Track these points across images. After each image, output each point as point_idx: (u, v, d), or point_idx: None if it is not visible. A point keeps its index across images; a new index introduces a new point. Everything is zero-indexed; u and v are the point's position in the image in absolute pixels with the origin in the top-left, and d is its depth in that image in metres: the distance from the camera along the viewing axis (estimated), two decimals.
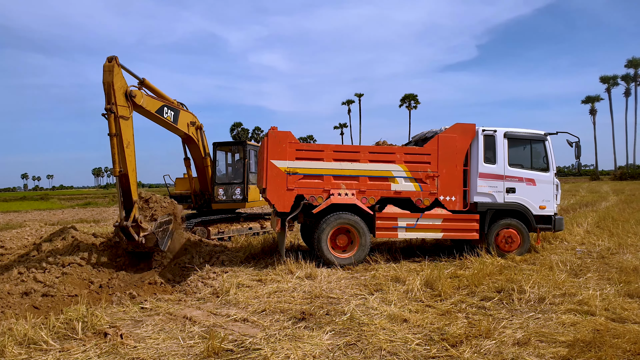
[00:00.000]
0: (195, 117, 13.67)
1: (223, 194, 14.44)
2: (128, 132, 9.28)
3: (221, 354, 4.97)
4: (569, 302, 6.70)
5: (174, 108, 12.48)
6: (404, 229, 10.15)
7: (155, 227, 9.24)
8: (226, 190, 14.45)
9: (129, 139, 9.25)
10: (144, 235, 9.03)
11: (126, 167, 9.02)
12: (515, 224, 10.55)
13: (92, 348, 5.13)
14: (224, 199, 14.46)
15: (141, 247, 9.21)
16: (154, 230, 9.19)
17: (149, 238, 9.14)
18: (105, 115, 8.87)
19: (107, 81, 9.01)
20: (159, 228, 9.42)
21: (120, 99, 9.17)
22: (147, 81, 10.98)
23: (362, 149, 10.17)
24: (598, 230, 14.25)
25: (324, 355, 4.90)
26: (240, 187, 14.44)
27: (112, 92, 8.93)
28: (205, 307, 6.89)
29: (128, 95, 9.45)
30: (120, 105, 9.06)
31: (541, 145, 10.85)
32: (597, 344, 4.92)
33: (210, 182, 14.56)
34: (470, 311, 6.46)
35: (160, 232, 9.42)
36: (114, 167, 8.95)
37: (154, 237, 9.18)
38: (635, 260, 9.40)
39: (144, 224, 9.08)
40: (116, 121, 8.94)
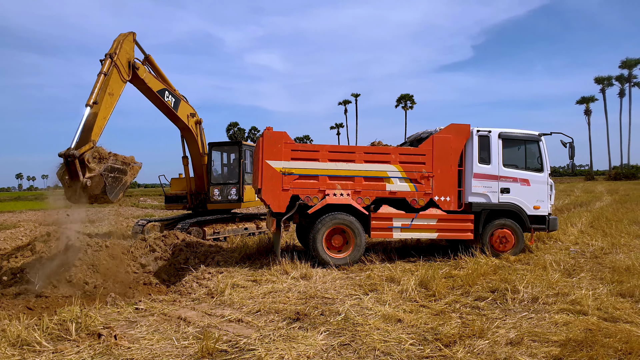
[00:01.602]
0: (195, 111, 13.85)
1: (219, 194, 14.47)
2: (116, 87, 9.52)
3: (215, 354, 4.97)
4: (562, 301, 6.74)
5: (176, 96, 12.75)
6: (399, 229, 10.18)
7: (104, 170, 8.21)
8: (222, 190, 14.46)
9: (114, 92, 9.39)
10: (90, 177, 8.06)
11: (99, 107, 8.85)
12: (510, 224, 10.60)
13: (85, 349, 5.12)
14: (220, 199, 14.48)
15: (85, 193, 8.11)
16: (103, 172, 8.17)
17: (96, 182, 8.09)
18: (102, 60, 9.41)
19: (118, 40, 9.92)
20: (110, 173, 8.35)
21: (123, 59, 9.83)
22: (152, 59, 11.63)
23: (358, 150, 10.19)
24: (592, 230, 14.32)
25: (318, 356, 4.91)
26: (236, 187, 14.46)
27: (119, 47, 9.74)
28: (200, 307, 6.89)
29: (131, 64, 10.09)
30: (120, 64, 9.65)
31: (535, 146, 10.90)
32: (589, 344, 4.95)
33: (207, 182, 14.59)
34: (464, 311, 6.49)
35: (110, 178, 8.32)
36: (89, 98, 8.82)
37: (102, 182, 8.12)
38: (627, 260, 9.46)
39: (92, 164, 8.15)
40: (111, 66, 9.38)
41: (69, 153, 7.90)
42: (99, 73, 9.32)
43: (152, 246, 10.43)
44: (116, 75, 9.62)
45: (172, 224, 14.82)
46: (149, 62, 11.62)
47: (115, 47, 9.92)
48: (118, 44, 10.00)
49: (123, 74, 9.89)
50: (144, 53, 11.24)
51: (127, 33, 10.42)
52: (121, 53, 9.89)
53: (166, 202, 15.42)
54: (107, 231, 17.10)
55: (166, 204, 15.50)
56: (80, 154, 7.97)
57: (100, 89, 9.20)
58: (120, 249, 9.78)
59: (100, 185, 8.17)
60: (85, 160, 8.07)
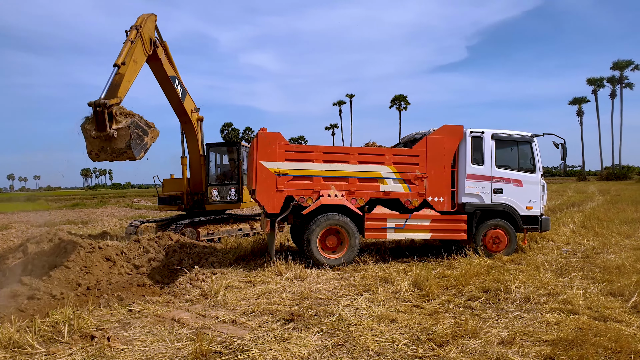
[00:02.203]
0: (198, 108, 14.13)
1: (217, 194, 14.50)
2: (140, 57, 10.01)
3: (209, 355, 4.98)
4: (554, 301, 6.80)
5: (183, 87, 13.11)
6: (393, 229, 10.21)
7: (131, 124, 8.12)
8: (220, 190, 14.48)
9: (138, 61, 9.90)
10: (117, 128, 8.01)
11: (125, 70, 9.14)
12: (503, 224, 10.66)
13: (78, 351, 5.11)
14: (218, 200, 14.52)
15: (109, 146, 8.03)
16: (130, 125, 8.09)
17: (122, 134, 8.02)
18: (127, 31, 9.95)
19: (143, 17, 10.48)
20: (137, 128, 8.22)
21: (146, 34, 10.35)
22: (167, 46, 12.26)
23: (352, 150, 10.22)
24: (583, 230, 14.43)
25: (312, 356, 4.93)
26: (234, 187, 14.52)
27: (144, 23, 10.27)
28: (193, 308, 6.89)
29: (152, 41, 10.66)
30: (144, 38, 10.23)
31: (528, 147, 10.98)
32: (579, 343, 5.00)
33: (205, 183, 14.60)
34: (457, 311, 6.53)
35: (135, 133, 8.16)
36: (118, 58, 9.20)
37: (128, 135, 8.03)
38: (618, 260, 9.55)
39: (119, 117, 8.11)
40: (137, 36, 9.91)
41: (99, 102, 7.93)
42: (126, 40, 9.78)
43: (145, 247, 10.39)
44: (140, 46, 10.12)
45: (166, 225, 14.79)
46: (164, 49, 12.12)
47: (141, 21, 10.43)
48: (143, 20, 10.51)
49: (146, 47, 10.43)
50: (161, 39, 11.80)
51: (149, 14, 10.95)
52: (145, 29, 10.38)
53: (159, 203, 15.38)
54: (101, 232, 17.04)
55: (159, 205, 15.46)
56: (110, 104, 8.04)
57: (127, 54, 9.52)
58: (114, 250, 9.74)
59: (125, 138, 8.10)
60: (114, 112, 8.12)
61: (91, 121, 8.14)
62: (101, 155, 8.27)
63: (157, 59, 11.61)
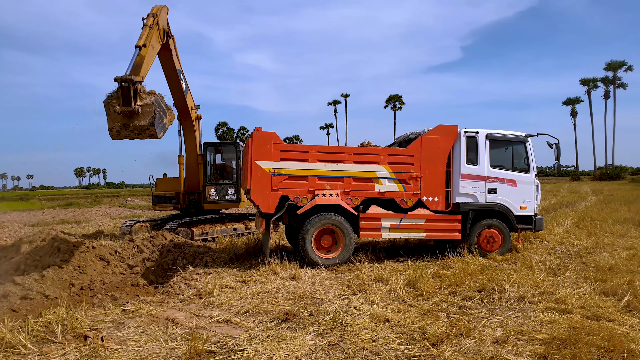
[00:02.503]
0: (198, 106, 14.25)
1: (215, 194, 14.52)
2: (156, 43, 10.28)
3: (204, 355, 4.97)
4: (547, 300, 6.83)
5: (186, 83, 13.41)
6: (387, 229, 10.23)
7: (155, 102, 8.25)
8: (218, 190, 14.49)
9: (155, 47, 10.19)
10: (142, 105, 8.13)
11: (145, 52, 9.27)
12: (497, 224, 10.70)
13: (71, 351, 5.08)
14: (217, 199, 14.56)
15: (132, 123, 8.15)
16: (154, 102, 8.24)
17: (146, 111, 8.15)
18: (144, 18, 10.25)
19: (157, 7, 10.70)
20: (159, 107, 8.36)
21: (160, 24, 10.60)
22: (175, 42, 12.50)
23: (347, 150, 10.23)
24: (577, 230, 14.51)
25: (307, 356, 4.93)
26: (233, 187, 14.53)
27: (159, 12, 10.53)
28: (188, 308, 6.87)
29: (165, 31, 10.93)
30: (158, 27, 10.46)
31: (522, 147, 11.02)
32: (572, 342, 5.03)
33: (203, 182, 14.58)
34: (452, 310, 6.55)
35: (159, 112, 8.32)
36: (139, 40, 9.46)
37: (152, 112, 8.16)
38: (611, 259, 9.61)
39: (143, 95, 8.27)
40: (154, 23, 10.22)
41: (125, 77, 8.08)
42: (145, 25, 10.03)
43: (140, 247, 10.35)
44: (156, 33, 10.27)
45: (160, 224, 14.74)
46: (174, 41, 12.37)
47: (157, 11, 10.63)
48: (158, 10, 10.70)
49: (160, 36, 10.62)
50: (170, 32, 11.77)
51: (162, 5, 11.10)
52: (159, 18, 10.57)
53: (153, 203, 15.31)
54: (94, 232, 16.97)
55: (153, 204, 15.39)
56: (135, 80, 8.18)
57: (147, 37, 9.71)
58: (108, 250, 9.70)
59: (149, 115, 8.22)
60: (139, 89, 8.25)
61: (115, 97, 8.23)
62: (122, 133, 8.32)
63: (168, 49, 11.80)
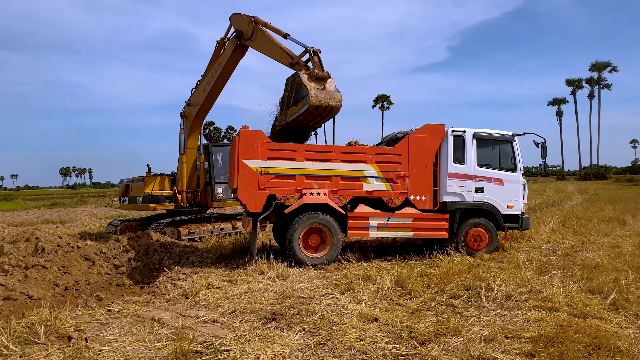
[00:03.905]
0: None
1: (222, 192, 14.66)
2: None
3: (190, 355, 4.90)
4: (534, 298, 6.86)
5: None
6: (375, 228, 10.22)
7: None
8: (225, 188, 14.58)
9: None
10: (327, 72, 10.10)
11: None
12: (484, 223, 10.75)
13: (55, 352, 4.99)
14: (224, 197, 14.71)
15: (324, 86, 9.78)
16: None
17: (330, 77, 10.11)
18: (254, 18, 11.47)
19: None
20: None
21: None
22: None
23: (334, 149, 10.20)
24: (563, 228, 14.65)
25: (294, 355, 4.89)
26: None
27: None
28: (174, 308, 6.79)
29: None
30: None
31: (509, 146, 11.09)
32: (559, 339, 5.04)
33: (210, 181, 14.68)
34: (439, 309, 6.55)
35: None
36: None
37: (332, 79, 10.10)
38: (597, 258, 9.70)
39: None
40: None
41: (315, 49, 10.07)
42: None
43: (125, 247, 10.24)
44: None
45: (146, 224, 14.57)
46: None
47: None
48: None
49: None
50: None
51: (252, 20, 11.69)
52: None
53: (150, 202, 15.01)
54: (80, 231, 16.75)
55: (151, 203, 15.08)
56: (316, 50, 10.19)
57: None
58: (93, 250, 9.58)
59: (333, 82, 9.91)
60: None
61: (304, 69, 9.99)
62: (319, 96, 9.61)
63: (246, 48, 12.43)
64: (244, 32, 11.82)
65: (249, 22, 11.56)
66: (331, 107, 9.79)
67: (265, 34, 11.27)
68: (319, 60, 10.09)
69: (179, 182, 14.38)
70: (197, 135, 14.49)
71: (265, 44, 11.29)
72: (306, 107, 9.61)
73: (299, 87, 9.97)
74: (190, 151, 14.43)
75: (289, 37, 10.81)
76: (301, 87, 9.85)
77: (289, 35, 10.87)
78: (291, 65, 10.51)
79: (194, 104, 13.88)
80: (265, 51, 11.36)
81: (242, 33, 11.88)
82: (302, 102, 9.78)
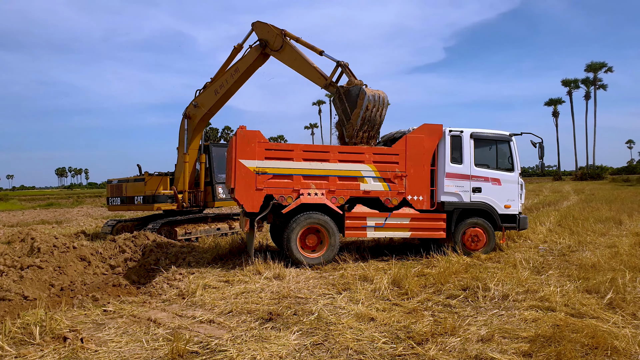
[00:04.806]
0: None
1: (223, 192, 14.69)
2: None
3: (186, 356, 4.88)
4: (531, 298, 6.86)
5: None
6: (372, 228, 10.21)
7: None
8: (224, 188, 14.57)
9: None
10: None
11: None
12: (481, 223, 10.75)
13: (50, 353, 4.96)
14: (225, 197, 14.74)
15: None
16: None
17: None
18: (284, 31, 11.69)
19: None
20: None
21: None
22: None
23: (332, 149, 10.18)
24: (559, 228, 14.67)
25: (291, 356, 4.87)
26: None
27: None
28: (170, 308, 6.76)
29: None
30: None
31: (506, 146, 11.09)
32: (556, 339, 5.04)
33: (210, 181, 14.67)
34: (437, 309, 6.54)
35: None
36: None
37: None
38: (593, 257, 9.72)
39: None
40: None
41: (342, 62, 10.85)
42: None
43: (121, 247, 10.19)
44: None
45: (143, 224, 14.53)
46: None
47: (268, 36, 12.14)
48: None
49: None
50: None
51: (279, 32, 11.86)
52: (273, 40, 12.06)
53: (145, 202, 14.98)
54: (76, 232, 16.68)
55: (143, 204, 15.07)
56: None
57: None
58: (89, 250, 9.54)
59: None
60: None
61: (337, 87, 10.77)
62: (370, 88, 10.37)
63: (268, 56, 12.50)
64: (270, 43, 11.87)
65: (277, 34, 11.64)
66: (383, 95, 10.49)
67: (296, 49, 11.36)
68: (351, 71, 10.77)
69: (178, 181, 14.34)
70: (199, 136, 14.51)
71: (295, 59, 11.41)
72: (366, 99, 10.15)
73: (348, 94, 10.49)
74: (191, 151, 14.41)
75: (324, 53, 10.89)
76: (349, 91, 10.46)
77: (324, 52, 10.97)
78: (325, 87, 10.84)
79: (200, 106, 13.80)
80: (295, 67, 11.47)
81: (269, 43, 11.91)
82: (359, 98, 10.20)
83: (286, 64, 11.72)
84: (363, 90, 10.14)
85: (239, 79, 12.92)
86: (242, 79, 13.02)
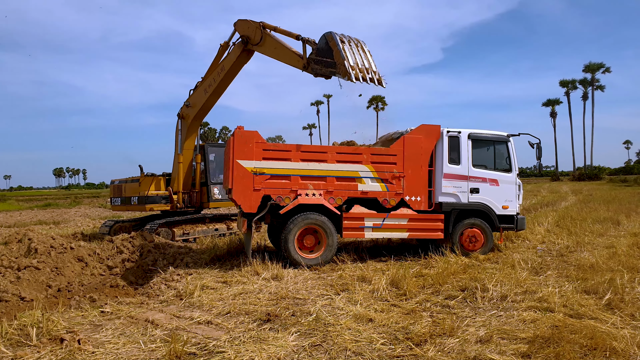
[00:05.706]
0: None
1: (218, 192, 14.66)
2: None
3: (184, 357, 4.86)
4: (530, 299, 6.85)
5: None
6: (370, 228, 10.20)
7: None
8: (221, 189, 14.56)
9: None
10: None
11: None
12: (479, 223, 10.75)
13: (47, 355, 4.93)
14: (220, 198, 14.70)
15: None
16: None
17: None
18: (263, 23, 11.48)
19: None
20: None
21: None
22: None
23: (330, 149, 10.17)
24: (558, 229, 14.69)
25: (289, 357, 4.86)
26: None
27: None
28: (168, 309, 6.74)
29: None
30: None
31: (504, 147, 11.09)
32: (555, 340, 5.04)
33: (205, 181, 14.63)
34: (435, 310, 6.53)
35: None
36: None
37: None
38: (591, 258, 9.72)
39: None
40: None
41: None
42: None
43: (119, 248, 10.17)
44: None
45: (140, 224, 14.49)
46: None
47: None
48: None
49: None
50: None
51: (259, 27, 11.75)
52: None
53: (147, 202, 14.91)
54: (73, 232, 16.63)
55: (147, 204, 14.99)
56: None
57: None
58: (86, 251, 9.51)
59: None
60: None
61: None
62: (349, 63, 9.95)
63: (252, 52, 12.43)
64: (251, 38, 11.78)
65: (256, 27, 11.55)
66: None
67: (275, 39, 11.26)
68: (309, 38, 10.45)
69: (174, 182, 14.29)
70: (194, 136, 14.49)
71: (275, 48, 11.30)
72: (334, 35, 9.92)
73: (319, 51, 10.21)
74: (186, 152, 14.39)
75: (301, 37, 10.71)
76: (318, 49, 10.21)
77: (300, 35, 10.79)
78: (304, 68, 10.55)
79: (192, 105, 13.82)
80: (276, 55, 11.35)
81: (250, 38, 11.84)
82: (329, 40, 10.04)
83: (268, 56, 11.63)
84: (327, 33, 9.94)
85: (225, 77, 12.86)
86: (229, 77, 12.97)
